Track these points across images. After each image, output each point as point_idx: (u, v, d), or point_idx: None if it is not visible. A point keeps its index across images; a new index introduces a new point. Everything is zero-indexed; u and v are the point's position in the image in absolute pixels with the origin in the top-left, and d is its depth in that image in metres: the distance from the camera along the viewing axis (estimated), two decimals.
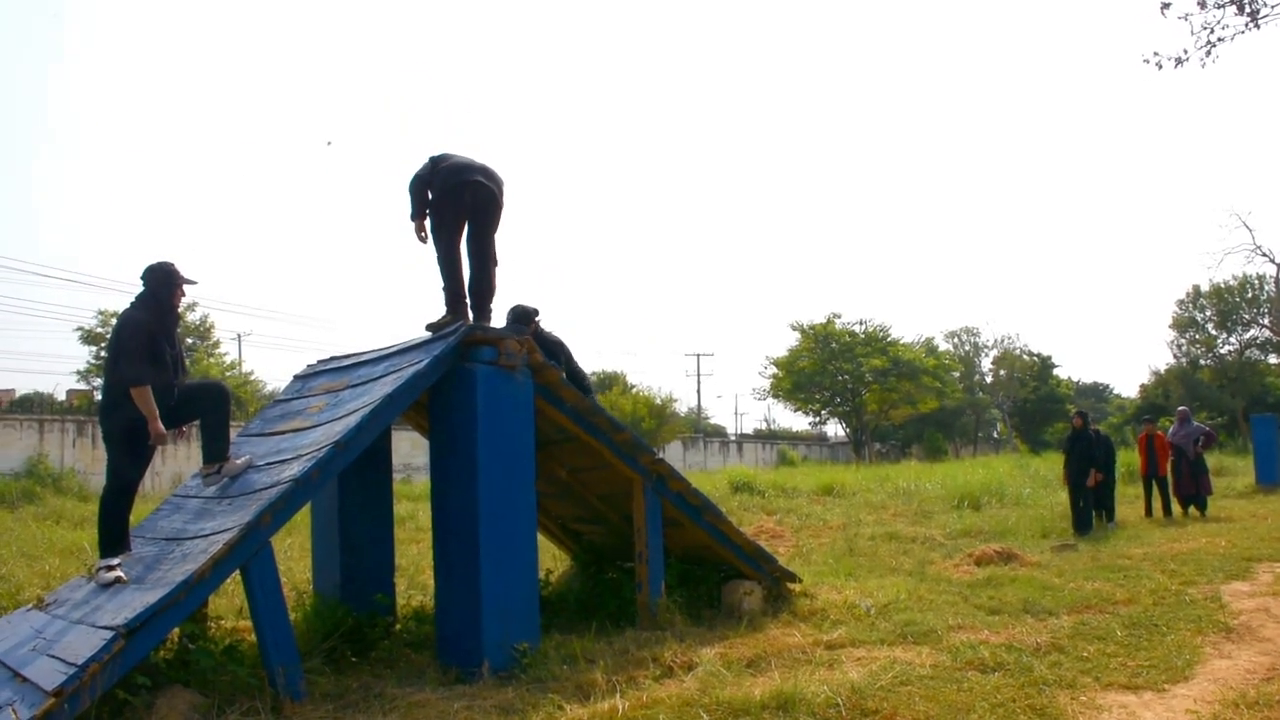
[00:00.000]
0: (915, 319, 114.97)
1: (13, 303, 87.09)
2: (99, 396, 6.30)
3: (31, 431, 24.48)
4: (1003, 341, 61.34)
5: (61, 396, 34.77)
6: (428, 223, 6.91)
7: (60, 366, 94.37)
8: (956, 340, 62.08)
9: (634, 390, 44.76)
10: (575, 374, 7.89)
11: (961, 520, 13.98)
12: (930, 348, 52.38)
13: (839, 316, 48.77)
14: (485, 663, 5.90)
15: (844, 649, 6.36)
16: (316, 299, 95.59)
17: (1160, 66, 10.55)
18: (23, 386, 38.30)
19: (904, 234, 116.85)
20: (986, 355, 62.37)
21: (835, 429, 57.91)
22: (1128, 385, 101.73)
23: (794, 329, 49.23)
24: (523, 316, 7.87)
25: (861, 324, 48.86)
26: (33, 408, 31.80)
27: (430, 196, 6.86)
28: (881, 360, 46.30)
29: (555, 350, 7.72)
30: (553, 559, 9.48)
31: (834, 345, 47.59)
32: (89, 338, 31.21)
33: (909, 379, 46.89)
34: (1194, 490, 14.79)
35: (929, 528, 13.43)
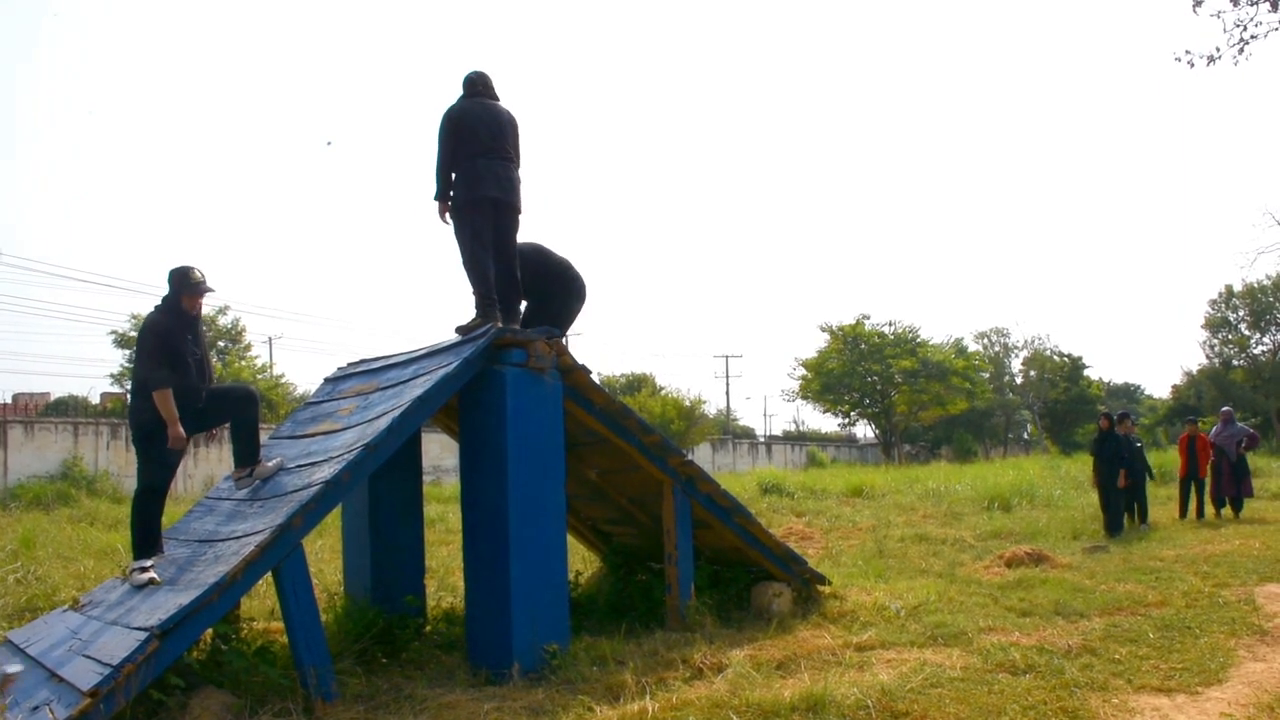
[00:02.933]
0: (944, 320, 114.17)
1: (49, 307, 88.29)
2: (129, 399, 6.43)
3: (66, 434, 24.75)
4: (1033, 342, 60.86)
5: (96, 400, 35.23)
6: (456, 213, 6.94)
7: (94, 370, 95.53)
8: (986, 341, 61.62)
9: (663, 392, 44.71)
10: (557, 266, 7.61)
11: (992, 522, 13.89)
12: (960, 348, 52.05)
13: (868, 318, 48.64)
14: (515, 664, 5.92)
15: (874, 651, 6.34)
16: (347, 302, 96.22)
17: (1192, 65, 10.50)
18: (58, 390, 38.85)
19: (933, 235, 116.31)
20: (1016, 356, 61.88)
21: (864, 430, 57.62)
22: (1159, 386, 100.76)
23: (823, 330, 49.16)
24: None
25: (890, 325, 48.69)
26: (67, 411, 32.24)
27: (451, 193, 6.89)
28: (911, 361, 46.10)
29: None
30: (582, 561, 9.50)
31: (863, 346, 47.45)
32: (121, 341, 31.56)
33: (938, 380, 46.66)
34: (1234, 492, 14.61)
35: (959, 529, 13.35)
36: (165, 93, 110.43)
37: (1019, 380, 61.54)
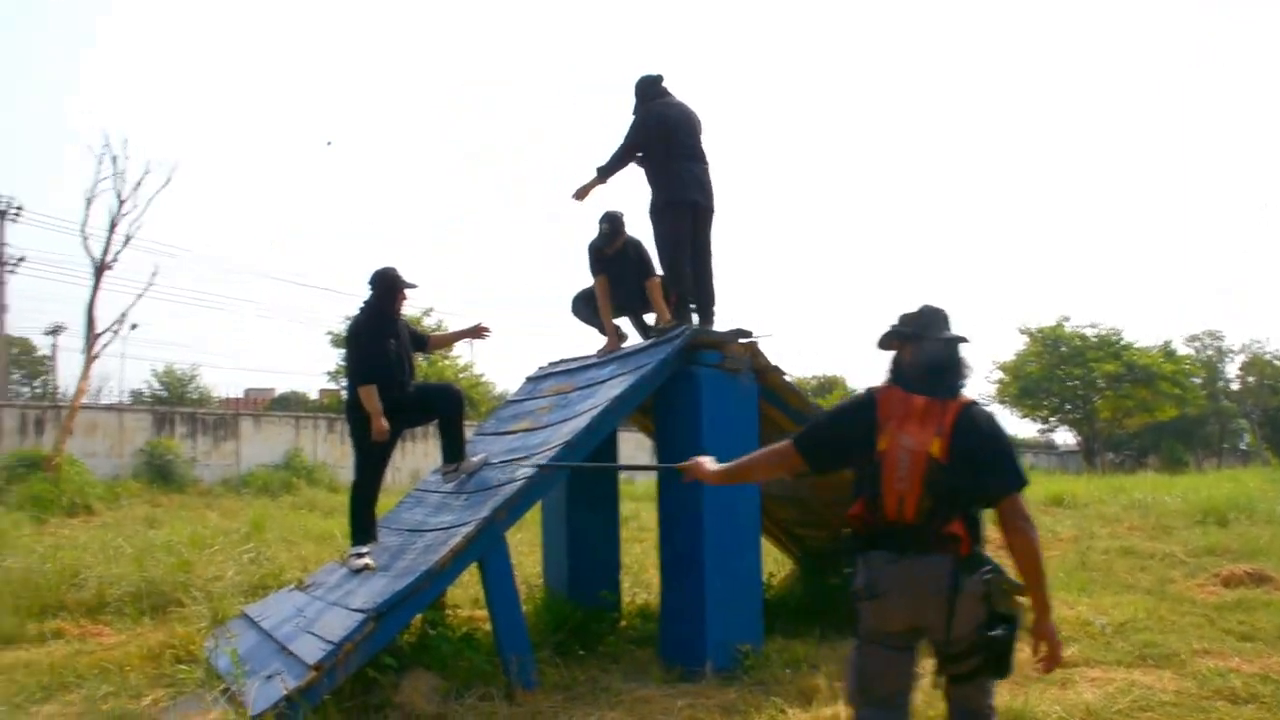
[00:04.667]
0: (1152, 322, 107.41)
1: (275, 309, 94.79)
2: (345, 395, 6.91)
3: (289, 427, 26.50)
4: (1251, 346, 56.71)
5: (314, 395, 37.53)
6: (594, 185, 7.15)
7: (314, 367, 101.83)
8: (1198, 344, 57.78)
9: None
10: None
11: (1206, 537, 12.97)
12: (1168, 352, 48.85)
13: (1068, 319, 46.30)
14: (708, 662, 5.96)
15: (1077, 668, 6.03)
16: (544, 301, 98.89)
17: None
18: (281, 386, 41.53)
19: (1138, 232, 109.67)
20: (1232, 360, 57.78)
21: (1065, 437, 54.97)
22: None
23: (1021, 332, 47.12)
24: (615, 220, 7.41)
25: (1093, 327, 46.21)
26: (290, 406, 34.52)
27: (654, 190, 7.00)
28: (1115, 365, 43.63)
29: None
30: (775, 563, 9.46)
31: (1063, 349, 45.24)
32: (337, 341, 33.41)
33: (1145, 385, 43.95)
34: None
35: (1169, 544, 12.54)
36: (383, 113, 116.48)
37: (1235, 386, 57.45)
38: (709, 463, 3.69)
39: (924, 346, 3.31)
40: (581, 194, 7.22)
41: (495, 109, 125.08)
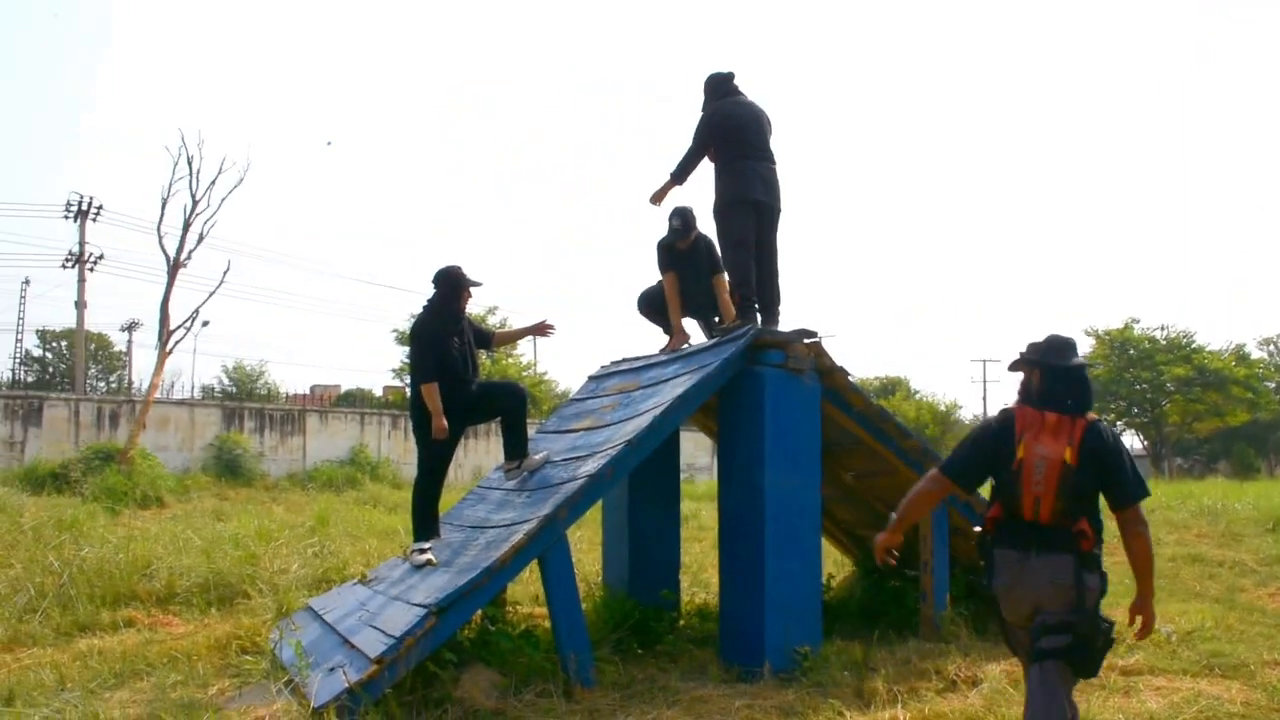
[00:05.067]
0: (1224, 325, 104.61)
1: (342, 307, 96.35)
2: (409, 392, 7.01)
3: (354, 424, 26.90)
4: None
5: (379, 392, 38.03)
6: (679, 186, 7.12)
7: (379, 364, 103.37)
8: (1272, 348, 56.11)
9: (917, 396, 43.58)
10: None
11: (1277, 545, 12.62)
12: (1241, 355, 47.56)
13: (1137, 321, 45.37)
14: (766, 663, 5.93)
15: (1141, 676, 5.88)
16: (606, 300, 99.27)
17: None
18: (347, 383, 42.11)
19: (1210, 232, 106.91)
20: None
21: (1132, 441, 53.80)
22: None
23: (1088, 335, 46.24)
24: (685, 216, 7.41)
25: (1163, 329, 45.21)
26: (354, 402, 35.01)
27: (718, 189, 6.98)
28: (1185, 369, 42.61)
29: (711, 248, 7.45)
30: (834, 564, 9.39)
31: (1131, 352, 44.32)
32: (401, 338, 33.84)
33: (1216, 389, 42.85)
34: None
35: (1239, 551, 12.20)
36: (437, 110, 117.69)
37: None
38: (880, 536, 4.07)
39: (1054, 372, 3.85)
40: (658, 198, 7.22)
41: (575, 109, 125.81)
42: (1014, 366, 4.03)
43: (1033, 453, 3.72)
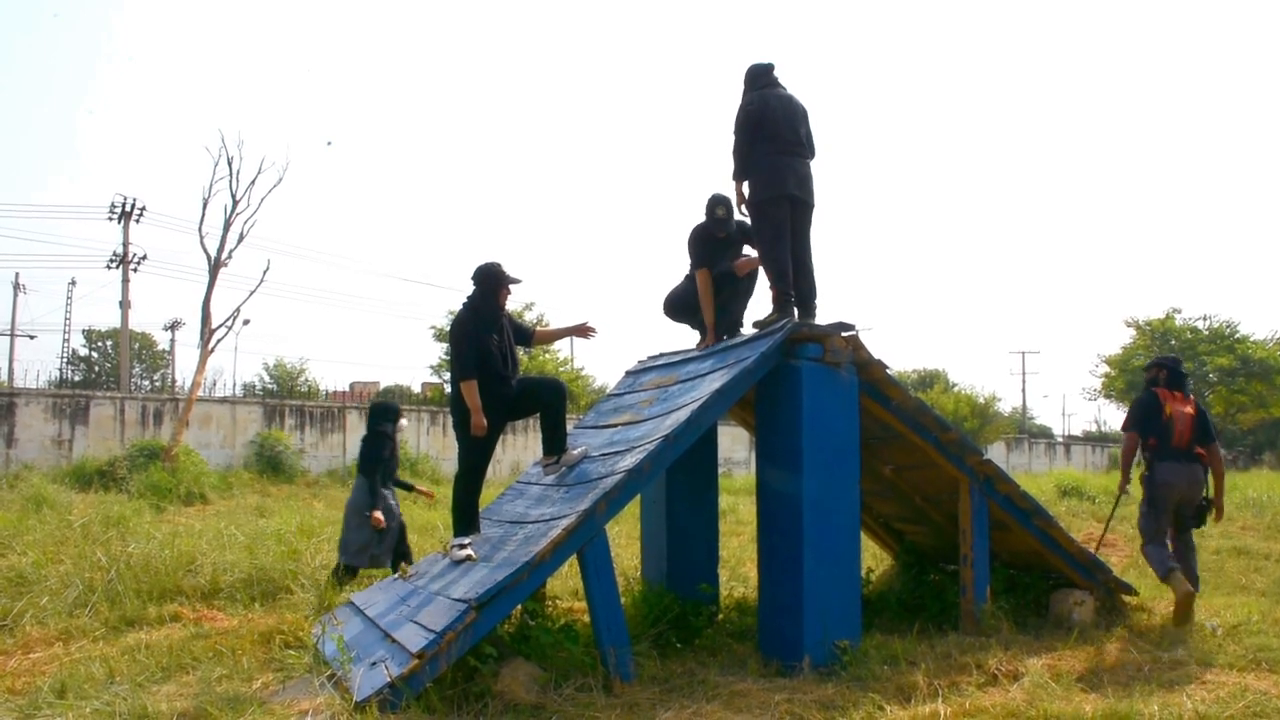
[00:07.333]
0: (1268, 314, 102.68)
1: (381, 304, 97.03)
2: (448, 389, 7.06)
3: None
4: None
5: (417, 389, 38.28)
6: (745, 187, 7.06)
7: (418, 361, 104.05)
8: None
9: (955, 389, 43.15)
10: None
11: None
12: None
13: (1179, 311, 44.63)
14: (806, 658, 5.91)
15: (1185, 670, 5.80)
16: (639, 298, 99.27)
17: None
18: (385, 380, 42.49)
19: (1255, 221, 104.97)
20: None
21: None
22: None
23: (1129, 325, 45.58)
24: (729, 204, 7.29)
25: (1205, 319, 44.41)
26: (393, 399, 35.21)
27: (748, 183, 6.97)
28: (1228, 359, 41.86)
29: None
30: (873, 558, 9.35)
31: (1173, 343, 43.59)
32: (440, 335, 34.02)
33: (1260, 379, 42.05)
34: None
35: None
36: (475, 110, 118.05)
37: None
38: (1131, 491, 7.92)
39: (1175, 372, 7.55)
40: (738, 203, 7.19)
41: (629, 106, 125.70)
42: (1148, 368, 7.75)
43: (1175, 411, 7.35)
